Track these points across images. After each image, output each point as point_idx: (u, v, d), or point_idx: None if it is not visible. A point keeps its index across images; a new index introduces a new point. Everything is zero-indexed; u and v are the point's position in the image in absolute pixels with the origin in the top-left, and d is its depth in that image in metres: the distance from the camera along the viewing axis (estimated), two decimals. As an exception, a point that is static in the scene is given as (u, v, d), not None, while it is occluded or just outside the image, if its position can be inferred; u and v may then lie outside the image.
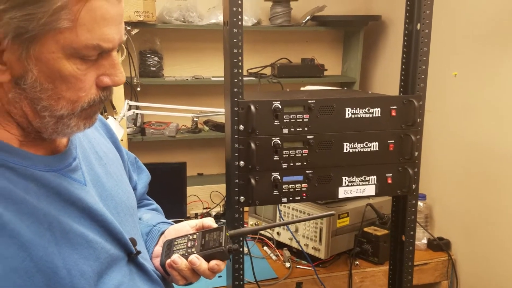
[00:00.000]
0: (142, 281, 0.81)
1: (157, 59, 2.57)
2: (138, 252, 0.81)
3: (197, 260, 0.81)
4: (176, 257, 0.82)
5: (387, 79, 2.73)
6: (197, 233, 0.87)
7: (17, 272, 0.63)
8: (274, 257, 1.99)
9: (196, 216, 2.42)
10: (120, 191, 0.86)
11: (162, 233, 0.94)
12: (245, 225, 1.67)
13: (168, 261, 0.82)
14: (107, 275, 0.74)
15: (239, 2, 1.24)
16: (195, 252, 0.82)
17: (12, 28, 0.60)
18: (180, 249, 0.84)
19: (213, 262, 0.82)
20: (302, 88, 2.16)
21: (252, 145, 1.31)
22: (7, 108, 0.67)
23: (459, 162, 2.09)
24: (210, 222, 0.90)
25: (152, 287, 0.83)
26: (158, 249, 0.91)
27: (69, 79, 0.65)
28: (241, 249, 1.39)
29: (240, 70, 1.29)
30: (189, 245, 0.84)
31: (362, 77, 2.86)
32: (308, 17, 2.67)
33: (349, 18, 2.76)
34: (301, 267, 1.91)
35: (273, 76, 2.76)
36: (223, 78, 2.63)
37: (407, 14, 1.44)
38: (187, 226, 0.91)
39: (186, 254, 0.82)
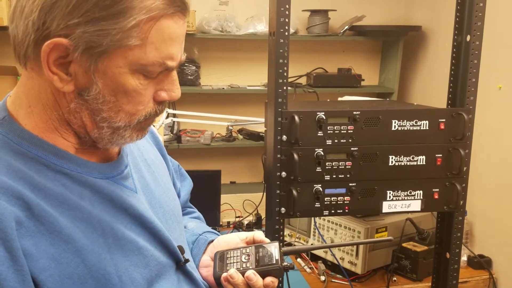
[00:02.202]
0: None
1: (194, 68, 2.60)
2: (187, 261, 0.81)
3: (254, 276, 0.81)
4: (233, 272, 0.81)
5: (426, 90, 2.67)
6: (250, 247, 0.86)
7: (72, 278, 0.63)
8: (308, 270, 1.95)
9: (228, 225, 2.41)
10: (167, 198, 0.86)
11: (209, 242, 0.93)
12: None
13: (224, 274, 0.81)
14: (157, 283, 0.74)
15: (287, 13, 1.23)
16: (250, 267, 0.82)
17: (83, 41, 0.62)
18: (234, 262, 0.83)
19: (269, 279, 0.82)
20: (340, 99, 2.12)
21: (295, 156, 1.29)
22: (66, 117, 0.68)
23: (503, 178, 2.01)
24: (261, 236, 0.90)
25: None
26: (206, 259, 0.91)
27: (131, 93, 0.66)
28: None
29: (285, 80, 1.28)
30: (243, 259, 0.83)
31: (400, 88, 2.81)
32: (346, 27, 2.65)
33: (388, 28, 2.72)
34: (336, 281, 1.87)
35: (309, 86, 2.74)
36: (258, 87, 2.68)
37: (456, 26, 1.40)
38: (237, 238, 0.91)
39: (242, 269, 0.82)
